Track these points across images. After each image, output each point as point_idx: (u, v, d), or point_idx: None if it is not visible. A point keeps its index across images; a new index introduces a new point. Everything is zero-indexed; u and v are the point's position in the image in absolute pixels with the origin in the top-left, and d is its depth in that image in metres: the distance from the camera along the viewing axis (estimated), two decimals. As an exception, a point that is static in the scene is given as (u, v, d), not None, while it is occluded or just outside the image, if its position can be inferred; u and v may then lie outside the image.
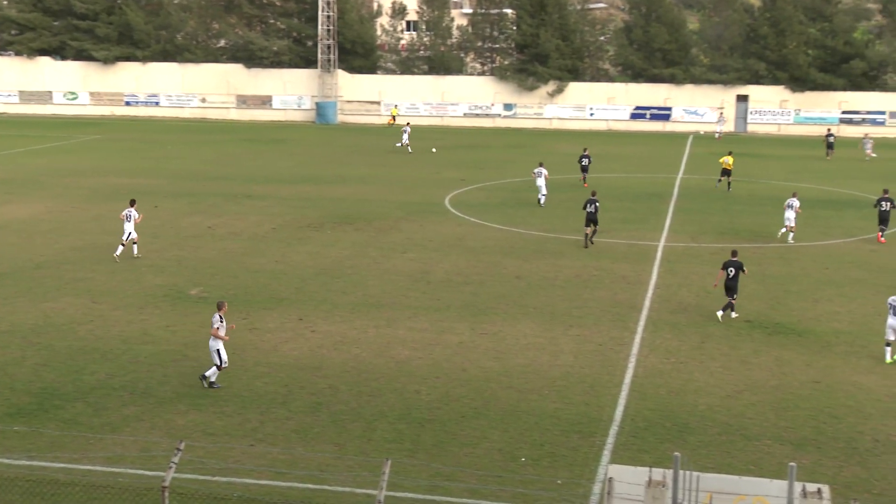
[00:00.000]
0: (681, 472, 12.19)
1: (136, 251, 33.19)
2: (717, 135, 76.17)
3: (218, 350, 21.01)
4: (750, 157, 63.48)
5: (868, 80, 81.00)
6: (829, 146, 65.64)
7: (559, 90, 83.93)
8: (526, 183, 50.72)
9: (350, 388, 21.20)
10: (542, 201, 44.54)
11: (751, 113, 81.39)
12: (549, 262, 33.30)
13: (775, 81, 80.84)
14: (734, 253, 27.62)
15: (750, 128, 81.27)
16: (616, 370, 22.49)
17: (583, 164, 51.08)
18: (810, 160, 62.56)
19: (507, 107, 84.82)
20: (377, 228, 38.86)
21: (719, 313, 26.67)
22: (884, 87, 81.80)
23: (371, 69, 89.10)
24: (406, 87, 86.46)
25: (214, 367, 21.08)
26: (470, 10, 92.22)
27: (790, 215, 37.20)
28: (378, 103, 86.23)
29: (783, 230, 37.53)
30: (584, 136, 76.08)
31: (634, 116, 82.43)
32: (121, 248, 32.83)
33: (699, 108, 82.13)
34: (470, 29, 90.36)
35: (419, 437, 18.68)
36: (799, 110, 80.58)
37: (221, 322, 21.12)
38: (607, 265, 32.81)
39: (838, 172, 56.53)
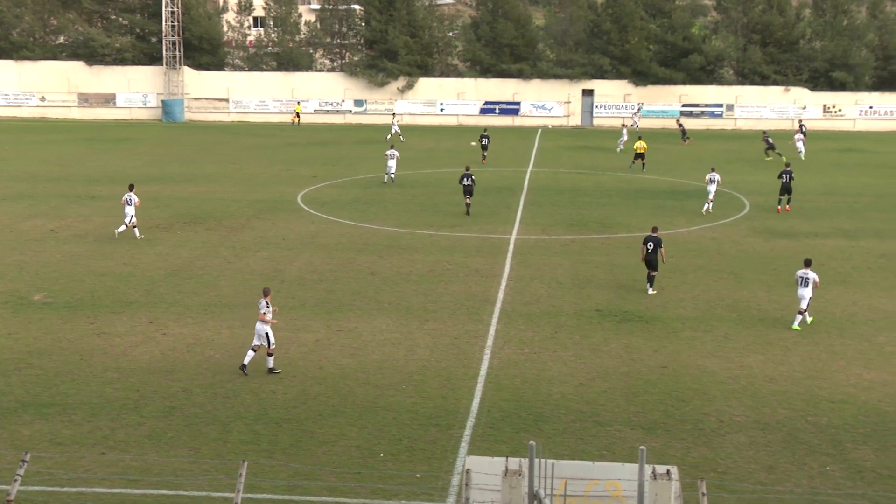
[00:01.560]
0: (536, 460, 12.42)
1: (137, 234, 35.73)
2: (633, 124, 78.04)
3: (267, 333, 21.77)
4: (596, 150, 65.18)
5: (706, 74, 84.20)
6: (683, 133, 70.45)
7: (409, 86, 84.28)
8: (380, 178, 50.78)
9: (204, 391, 20.80)
10: (386, 179, 48.10)
11: (596, 107, 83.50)
12: (403, 257, 33.42)
13: (619, 76, 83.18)
14: (654, 229, 29.63)
15: (596, 121, 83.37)
16: (472, 363, 22.76)
17: (483, 143, 56.98)
18: (653, 152, 64.48)
19: (358, 103, 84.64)
20: (228, 228, 38.22)
21: (649, 290, 28.88)
22: (720, 81, 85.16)
23: (218, 66, 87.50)
24: (255, 83, 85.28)
25: (268, 357, 21.90)
26: (318, 6, 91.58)
27: (712, 188, 41.71)
28: (227, 101, 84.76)
29: (707, 206, 41.83)
30: (436, 131, 76.67)
31: (484, 111, 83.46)
32: (123, 227, 35.68)
33: (547, 102, 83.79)
34: (318, 25, 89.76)
35: (276, 437, 18.49)
36: (642, 103, 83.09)
37: (268, 307, 21.87)
38: (461, 259, 33.14)
39: (679, 164, 58.51)
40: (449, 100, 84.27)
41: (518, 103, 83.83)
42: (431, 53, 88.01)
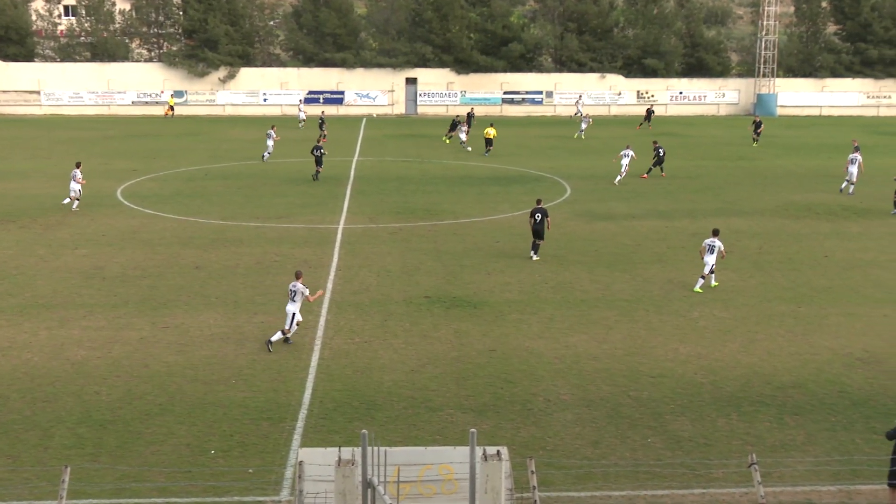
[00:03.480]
0: (369, 448, 12.42)
1: (75, 206, 39.19)
2: (578, 112, 78.53)
3: (294, 314, 22.81)
4: (421, 138, 65.62)
5: (526, 62, 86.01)
6: (648, 117, 73.57)
7: (231, 76, 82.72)
8: (202, 171, 49.67)
9: (22, 396, 19.88)
10: (265, 157, 53.48)
11: (420, 95, 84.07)
12: (230, 250, 32.82)
13: (442, 64, 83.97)
14: (539, 201, 32.39)
15: (420, 109, 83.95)
16: (302, 354, 22.57)
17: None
18: (476, 139, 65.44)
19: (178, 93, 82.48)
20: (43, 225, 36.61)
21: (534, 257, 31.55)
22: (540, 69, 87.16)
23: (28, 57, 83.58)
24: (68, 75, 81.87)
25: (283, 331, 22.80)
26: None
27: (625, 162, 47.48)
28: (38, 93, 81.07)
29: (619, 178, 46.96)
30: (260, 122, 75.54)
31: (308, 101, 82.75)
32: (69, 200, 39.57)
33: (371, 91, 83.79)
34: (134, 14, 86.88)
35: (101, 439, 17.85)
36: (465, 92, 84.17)
37: (305, 289, 22.97)
38: (288, 250, 32.80)
39: (503, 150, 59.52)
40: (272, 90, 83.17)
41: (342, 92, 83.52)
42: (253, 43, 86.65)
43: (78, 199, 39.51)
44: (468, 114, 70.50)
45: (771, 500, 14.70)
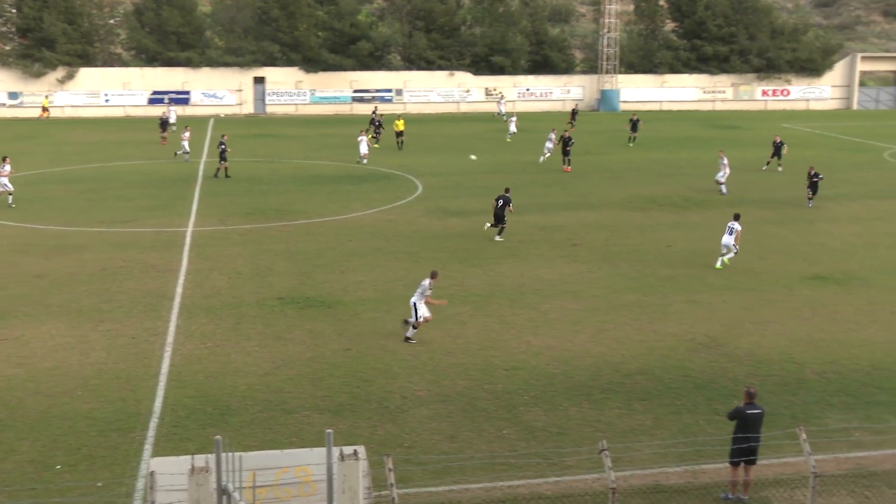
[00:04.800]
0: (223, 454, 12.21)
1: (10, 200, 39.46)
2: (499, 114, 77.70)
3: (415, 304, 23.30)
4: (271, 138, 64.83)
5: (375, 60, 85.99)
6: (573, 116, 72.13)
7: (69, 76, 79.87)
8: (41, 175, 47.86)
9: None
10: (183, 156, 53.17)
11: (269, 94, 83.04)
12: (73, 256, 31.72)
13: (290, 63, 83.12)
14: (507, 190, 35.25)
15: (269, 109, 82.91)
16: (152, 361, 22.00)
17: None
18: (328, 137, 65.15)
19: (13, 95, 79.18)
20: None
21: (498, 238, 34.08)
22: (389, 67, 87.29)
23: None
24: None
25: (412, 328, 23.30)
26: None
27: (549, 145, 52.36)
28: None
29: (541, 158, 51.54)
30: (102, 124, 73.30)
31: (153, 101, 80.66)
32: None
33: (218, 90, 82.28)
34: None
35: (-63, 460, 17.00)
36: (314, 90, 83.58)
37: (429, 290, 23.52)
38: (135, 255, 31.91)
39: (354, 148, 59.37)
40: (114, 90, 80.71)
41: (188, 92, 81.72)
42: (93, 42, 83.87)
43: (10, 194, 40.34)
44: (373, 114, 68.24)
45: (621, 483, 15.11)
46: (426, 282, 23.71)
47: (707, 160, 53.15)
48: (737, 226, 30.98)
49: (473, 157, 37.44)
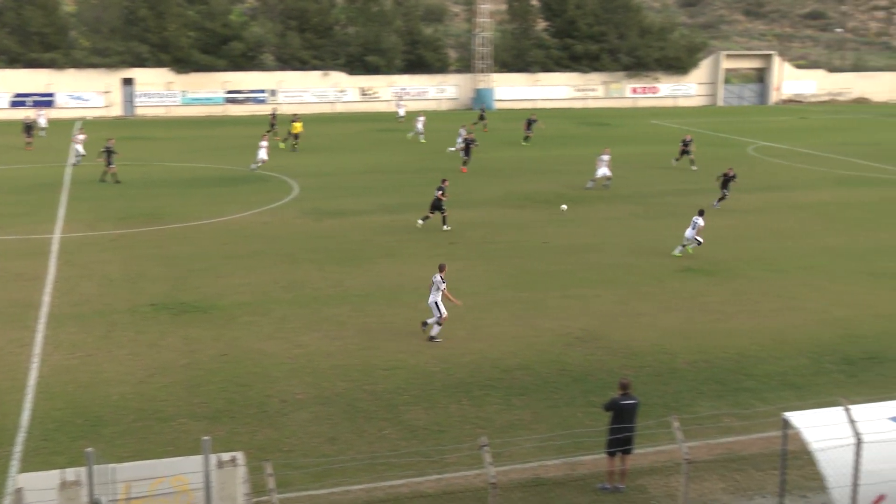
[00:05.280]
0: (95, 466, 11.90)
1: None
2: (401, 118, 76.13)
3: (437, 303, 23.41)
4: (141, 141, 63.32)
5: (247, 61, 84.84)
6: (481, 117, 70.66)
7: (-75, 79, 76.59)
8: None
9: None
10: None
11: (138, 96, 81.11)
12: (-68, 267, 30.42)
13: (160, 64, 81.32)
14: (444, 181, 37.19)
15: (139, 111, 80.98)
16: (18, 374, 21.25)
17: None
18: (201, 139, 64.02)
19: None
20: None
21: (445, 227, 35.80)
22: (262, 67, 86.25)
23: None
24: None
25: (437, 325, 23.41)
26: None
27: (460, 141, 50.15)
28: None
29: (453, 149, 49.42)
30: (-39, 128, 70.58)
31: (15, 104, 77.84)
32: None
33: (84, 92, 79.98)
34: None
35: None
36: (185, 91, 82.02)
37: (443, 283, 23.57)
38: None
39: (227, 151, 58.49)
40: (-26, 93, 77.70)
41: (52, 94, 79.17)
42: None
43: None
44: (272, 115, 66.62)
45: (502, 478, 15.27)
46: (437, 277, 23.78)
47: (580, 157, 54.17)
48: (700, 221, 32.26)
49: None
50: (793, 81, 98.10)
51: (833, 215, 39.67)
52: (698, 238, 32.49)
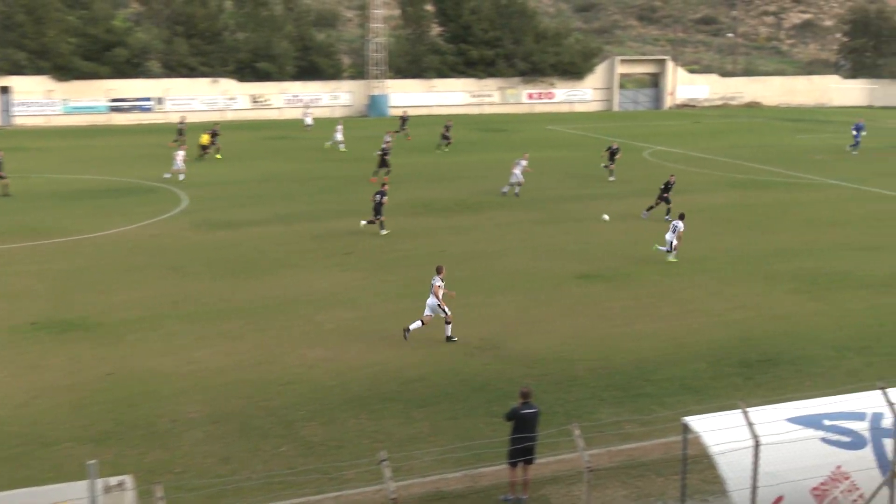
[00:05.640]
0: (-30, 497, 11.44)
1: None
2: (308, 126, 74.55)
3: (439, 305, 24.24)
4: (19, 151, 61.44)
5: (132, 68, 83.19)
6: (403, 124, 69.31)
7: None
8: None
9: None
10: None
11: (15, 105, 78.78)
12: None
13: (39, 71, 79.16)
14: (383, 184, 38.18)
15: (17, 120, 78.66)
16: None
17: None
18: (84, 150, 62.51)
19: None
20: None
21: (383, 232, 36.74)
22: (148, 74, 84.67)
23: None
24: None
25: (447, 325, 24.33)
26: None
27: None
28: None
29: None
30: None
31: None
32: None
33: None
34: None
35: None
36: (67, 100, 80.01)
37: (442, 283, 24.40)
38: None
39: (117, 160, 57.23)
40: None
41: (-76, 104, 76.46)
42: None
43: None
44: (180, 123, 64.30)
45: (402, 493, 15.19)
46: (437, 279, 24.56)
47: (478, 163, 54.55)
48: (680, 225, 32.97)
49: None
50: (686, 86, 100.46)
51: (728, 218, 40.66)
52: (676, 243, 33.13)
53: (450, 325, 24.54)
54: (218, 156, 58.73)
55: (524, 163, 46.37)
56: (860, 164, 57.98)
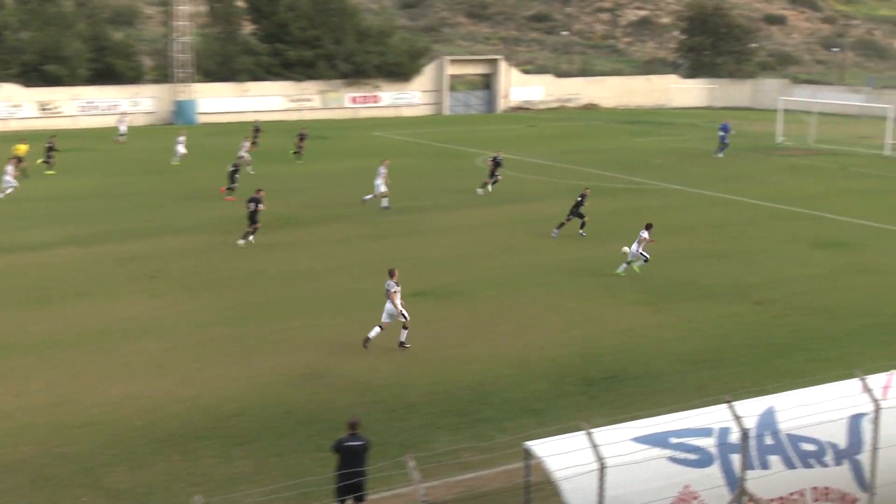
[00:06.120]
0: None
1: None
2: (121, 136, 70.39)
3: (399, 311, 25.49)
4: None
5: None
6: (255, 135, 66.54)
7: None
8: None
9: None
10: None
11: None
12: None
13: None
14: (258, 191, 39.09)
15: None
16: None
17: None
18: None
19: None
20: None
21: (242, 242, 37.76)
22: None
23: None
24: None
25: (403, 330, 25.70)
26: None
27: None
28: None
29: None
30: None
31: None
32: None
33: None
34: None
35: None
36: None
37: (397, 286, 25.58)
38: None
39: None
40: None
41: None
42: None
43: None
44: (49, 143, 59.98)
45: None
46: (390, 282, 25.67)
47: (297, 174, 54.26)
48: (645, 234, 33.71)
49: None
50: (521, 88, 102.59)
51: (565, 228, 41.64)
52: (644, 254, 33.69)
53: (406, 331, 25.85)
54: (50, 172, 56.46)
55: (384, 170, 46.59)
56: (701, 167, 60.43)
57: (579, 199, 40.71)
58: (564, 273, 34.06)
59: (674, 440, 15.00)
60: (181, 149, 61.66)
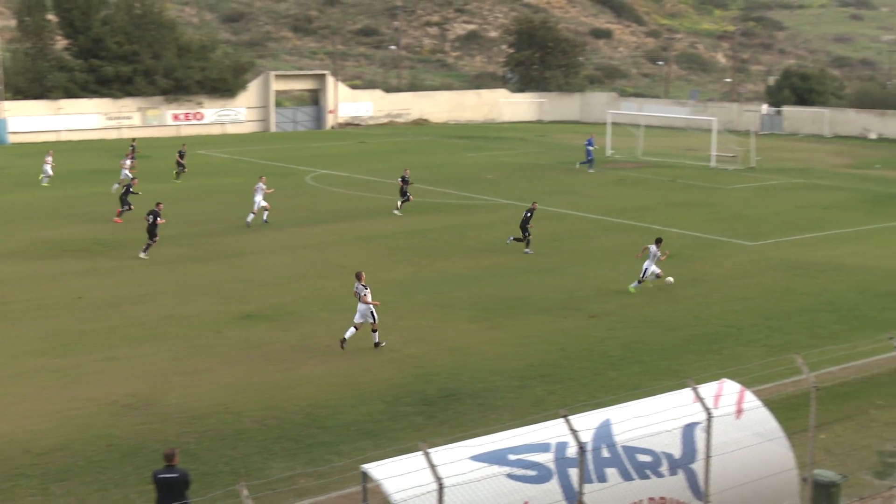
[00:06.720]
0: None
1: None
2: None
3: (372, 312, 27.06)
4: None
5: None
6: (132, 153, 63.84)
7: None
8: None
9: None
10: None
11: None
12: None
13: None
14: (158, 204, 39.45)
15: None
16: None
17: None
18: None
19: None
20: None
21: (143, 255, 38.57)
22: None
23: None
24: None
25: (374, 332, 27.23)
26: None
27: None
28: None
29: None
30: None
31: None
32: None
33: None
34: None
35: None
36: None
37: (365, 289, 27.06)
38: None
39: None
40: None
41: None
42: None
43: None
44: None
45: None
46: (359, 285, 27.26)
47: (108, 196, 52.91)
48: (652, 248, 34.54)
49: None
50: (349, 103, 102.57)
51: (398, 246, 41.85)
52: (657, 270, 34.59)
53: (377, 332, 27.52)
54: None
55: (262, 186, 46.00)
56: (532, 182, 61.46)
57: (528, 213, 41.10)
58: (398, 292, 34.11)
59: (512, 457, 15.18)
60: (48, 169, 59.95)
